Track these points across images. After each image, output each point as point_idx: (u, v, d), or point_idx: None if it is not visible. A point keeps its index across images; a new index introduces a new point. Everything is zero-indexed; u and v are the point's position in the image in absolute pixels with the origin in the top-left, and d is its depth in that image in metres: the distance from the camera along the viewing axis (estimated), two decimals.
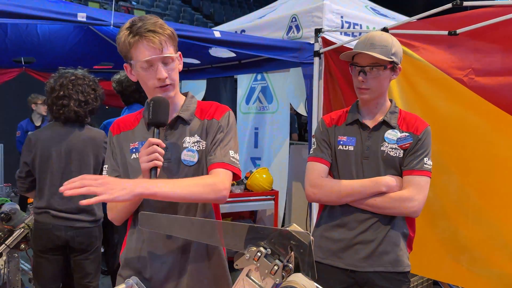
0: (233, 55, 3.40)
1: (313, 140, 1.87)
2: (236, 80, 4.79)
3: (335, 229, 1.76)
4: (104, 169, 1.52)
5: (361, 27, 3.19)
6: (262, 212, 3.89)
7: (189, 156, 1.42)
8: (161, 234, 1.36)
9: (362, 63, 1.69)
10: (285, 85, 4.01)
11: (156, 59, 1.35)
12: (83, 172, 2.23)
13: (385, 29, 2.49)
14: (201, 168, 1.44)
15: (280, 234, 0.81)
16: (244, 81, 4.56)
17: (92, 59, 4.49)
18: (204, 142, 1.45)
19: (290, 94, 3.96)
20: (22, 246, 2.52)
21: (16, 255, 2.62)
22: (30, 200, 2.64)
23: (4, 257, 2.63)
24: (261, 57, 3.41)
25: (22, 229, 2.50)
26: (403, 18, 3.22)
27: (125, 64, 1.43)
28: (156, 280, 1.42)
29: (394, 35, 2.47)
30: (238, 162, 1.45)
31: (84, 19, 2.26)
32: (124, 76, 2.93)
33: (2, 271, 2.67)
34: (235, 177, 1.45)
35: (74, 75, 2.49)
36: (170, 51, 1.37)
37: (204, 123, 1.48)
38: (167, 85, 1.39)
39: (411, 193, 1.66)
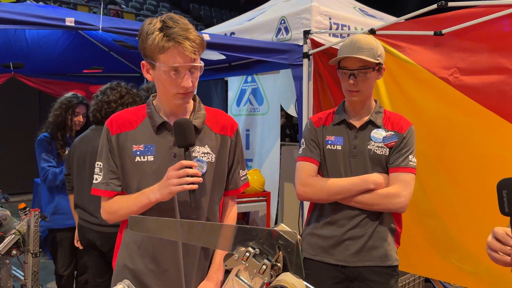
0: (223, 57, 3.41)
1: (302, 140, 1.91)
2: (226, 82, 4.81)
3: (326, 227, 1.81)
4: (97, 166, 1.47)
5: (349, 28, 3.22)
6: (255, 213, 3.90)
7: (198, 167, 1.41)
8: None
9: (352, 67, 1.73)
10: (275, 87, 4.03)
11: (185, 67, 1.32)
12: None
13: (372, 30, 2.53)
14: (207, 179, 1.45)
15: (268, 234, 0.82)
16: (234, 83, 4.58)
17: (81, 63, 4.49)
18: (214, 156, 1.47)
19: (280, 95, 3.98)
20: (14, 252, 2.50)
21: (8, 261, 2.59)
22: (21, 205, 2.62)
23: None
24: (251, 59, 3.43)
25: (13, 235, 2.48)
26: (391, 19, 3.26)
27: (143, 62, 1.39)
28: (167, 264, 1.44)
29: (381, 36, 2.51)
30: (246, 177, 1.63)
31: (73, 24, 2.26)
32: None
33: None
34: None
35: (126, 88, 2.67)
36: (198, 60, 1.35)
37: (217, 138, 1.49)
38: (189, 92, 1.38)
39: (397, 189, 1.71)
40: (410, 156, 1.74)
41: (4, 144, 6.25)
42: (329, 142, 1.82)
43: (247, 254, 0.82)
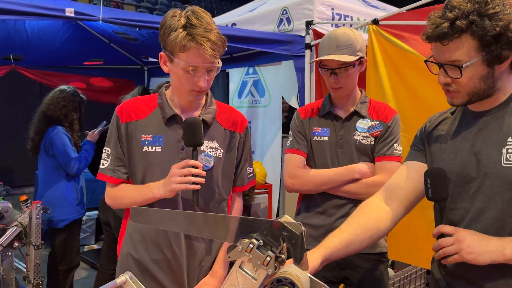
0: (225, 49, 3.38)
1: (290, 132, 1.93)
2: (228, 75, 4.78)
3: (315, 216, 1.84)
4: (104, 151, 1.48)
5: (351, 19, 3.19)
6: (256, 205, 3.90)
7: (205, 161, 1.44)
8: None
9: (332, 66, 1.74)
10: (277, 79, 4.00)
11: (203, 68, 1.33)
12: None
13: (375, 21, 2.50)
14: (214, 174, 1.46)
15: (272, 226, 0.81)
16: (236, 75, 4.55)
17: (82, 55, 4.45)
18: (222, 152, 1.48)
19: (282, 87, 3.95)
20: (16, 244, 2.50)
21: (10, 253, 2.60)
22: (23, 197, 2.62)
23: None
24: (253, 51, 3.40)
25: (15, 228, 2.48)
26: (394, 9, 3.22)
27: (161, 53, 1.39)
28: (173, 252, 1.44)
29: (384, 26, 2.48)
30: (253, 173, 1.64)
31: (72, 15, 2.24)
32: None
33: None
34: None
35: None
36: (217, 61, 1.35)
37: (226, 134, 1.50)
38: (203, 91, 1.39)
39: (383, 178, 1.71)
40: (395, 144, 1.77)
41: (5, 136, 6.24)
42: (316, 133, 1.85)
43: (251, 245, 0.81)
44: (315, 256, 1.17)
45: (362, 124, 1.80)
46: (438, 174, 1.16)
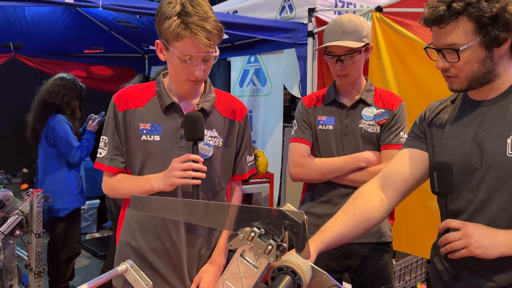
0: (226, 36, 3.35)
1: (294, 121, 1.91)
2: (229, 63, 4.74)
3: (320, 205, 1.83)
4: (102, 140, 1.46)
5: (355, 6, 3.15)
6: (258, 194, 3.89)
7: (204, 150, 1.42)
8: None
9: (338, 52, 1.71)
10: (279, 67, 3.97)
11: (199, 57, 1.30)
12: None
13: (379, 8, 2.46)
14: (214, 163, 1.44)
15: (273, 214, 0.80)
16: (237, 64, 4.52)
17: (82, 43, 4.42)
18: (221, 140, 1.46)
19: (284, 76, 3.92)
20: (17, 232, 2.50)
21: (12, 241, 2.60)
22: (24, 186, 2.61)
23: None
24: (254, 39, 3.37)
25: (17, 216, 2.48)
26: None
27: (157, 41, 1.36)
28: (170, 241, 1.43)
29: (388, 13, 2.45)
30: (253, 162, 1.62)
31: (72, 1, 2.21)
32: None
33: None
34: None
35: None
36: (213, 50, 1.31)
37: (225, 122, 1.48)
38: (199, 80, 1.36)
39: None
40: (401, 132, 1.75)
41: (6, 125, 6.23)
42: (321, 122, 1.83)
43: (252, 234, 0.80)
44: (311, 251, 1.16)
45: (368, 112, 1.78)
46: (444, 168, 1.14)
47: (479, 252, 1.07)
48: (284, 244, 0.83)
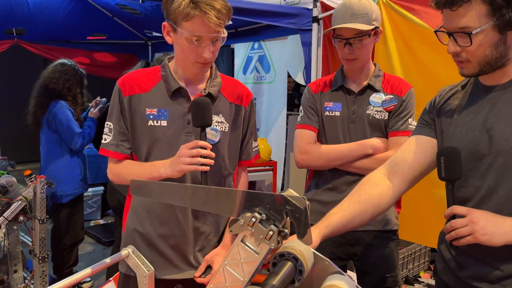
0: (230, 22, 3.31)
1: (300, 108, 1.88)
2: (232, 51, 4.70)
3: (325, 192, 1.81)
4: (106, 126, 1.44)
5: None
6: (261, 182, 3.89)
7: (211, 135, 1.40)
8: None
9: (346, 35, 1.67)
10: (283, 54, 3.93)
11: (208, 38, 1.28)
12: None
13: None
14: (220, 149, 1.43)
15: (275, 200, 0.79)
16: (241, 50, 4.47)
17: (85, 29, 4.39)
18: (228, 126, 1.45)
19: (287, 62, 3.88)
20: (21, 218, 2.51)
21: (16, 227, 2.62)
22: (27, 172, 2.62)
23: (3, 230, 2.63)
24: (258, 25, 3.33)
25: (20, 202, 2.49)
26: None
27: (164, 23, 1.34)
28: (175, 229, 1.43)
29: None
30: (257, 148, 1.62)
31: None
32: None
33: (2, 244, 2.68)
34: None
35: None
36: (222, 31, 1.30)
37: (232, 107, 1.47)
38: (208, 63, 1.35)
39: None
40: (410, 119, 1.72)
41: (10, 112, 6.24)
42: (328, 108, 1.80)
43: (253, 219, 0.79)
44: (316, 237, 1.15)
45: (376, 98, 1.74)
46: (452, 154, 1.11)
47: (485, 239, 1.05)
48: (286, 230, 0.82)
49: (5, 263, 2.65)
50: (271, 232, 0.78)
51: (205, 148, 1.28)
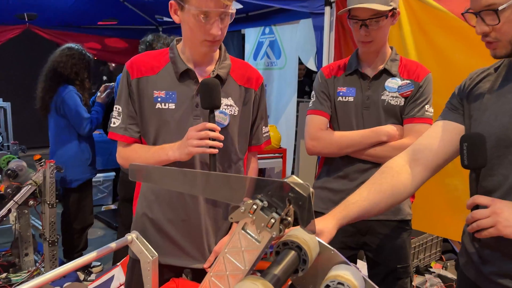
0: (240, 6, 3.25)
1: (312, 93, 1.82)
2: (243, 36, 4.64)
3: (337, 180, 1.76)
4: (115, 109, 1.42)
5: None
6: (270, 170, 3.86)
7: (220, 118, 1.37)
8: None
9: (363, 16, 1.60)
10: (294, 39, 3.86)
11: (216, 13, 1.24)
12: None
13: None
14: (230, 133, 1.40)
15: (277, 186, 0.75)
16: (251, 36, 4.41)
17: (96, 14, 4.37)
18: (238, 109, 1.41)
19: (299, 48, 3.81)
20: (31, 202, 2.53)
21: (26, 211, 2.64)
22: (37, 156, 2.63)
23: (14, 214, 2.66)
24: (269, 9, 3.26)
25: (30, 186, 2.50)
26: None
27: (171, 2, 1.31)
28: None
29: None
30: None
31: None
32: (153, 39, 2.74)
33: (13, 227, 2.72)
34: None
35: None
36: (230, 6, 1.26)
37: (241, 90, 1.43)
38: (216, 41, 1.30)
39: (412, 141, 1.60)
40: (426, 106, 1.65)
41: (22, 97, 6.28)
42: (341, 93, 1.74)
43: (254, 207, 0.75)
44: (331, 226, 1.11)
45: (392, 83, 1.67)
46: (476, 140, 1.05)
47: (508, 232, 0.98)
48: (289, 218, 0.78)
49: (16, 246, 2.69)
50: (272, 220, 0.74)
51: (214, 131, 1.25)
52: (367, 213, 1.17)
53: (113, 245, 1.28)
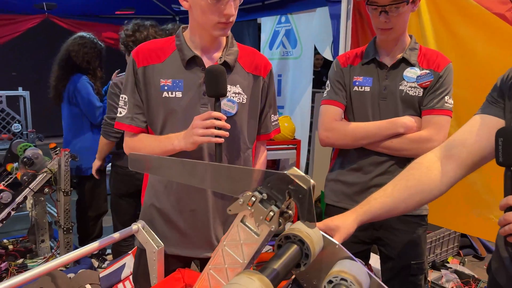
0: None
1: (327, 82, 1.76)
2: (259, 26, 4.58)
3: (350, 173, 1.71)
4: (121, 99, 1.40)
5: None
6: (285, 161, 3.82)
7: (228, 107, 1.34)
8: None
9: (383, 2, 1.53)
10: (310, 27, 3.78)
11: None
12: None
13: None
14: (238, 121, 1.37)
15: (277, 178, 0.72)
16: (267, 25, 4.36)
17: (113, 4, 4.38)
18: (246, 97, 1.38)
19: (315, 37, 3.74)
20: (46, 190, 2.57)
21: (42, 198, 2.69)
22: (52, 145, 2.66)
23: (31, 201, 2.71)
24: None
25: (45, 174, 2.54)
26: None
27: None
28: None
29: None
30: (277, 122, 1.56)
31: None
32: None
33: (30, 214, 2.77)
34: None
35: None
36: None
37: (249, 78, 1.39)
38: (230, 22, 1.27)
39: (430, 133, 1.55)
40: (446, 97, 1.57)
41: (41, 86, 6.39)
42: (357, 83, 1.67)
43: (253, 199, 0.73)
44: (349, 221, 1.06)
45: (410, 73, 1.60)
46: None
47: None
48: (290, 211, 0.75)
49: (33, 233, 2.74)
50: (271, 213, 0.72)
51: (220, 119, 1.22)
52: (391, 210, 1.11)
53: (116, 235, 1.28)
